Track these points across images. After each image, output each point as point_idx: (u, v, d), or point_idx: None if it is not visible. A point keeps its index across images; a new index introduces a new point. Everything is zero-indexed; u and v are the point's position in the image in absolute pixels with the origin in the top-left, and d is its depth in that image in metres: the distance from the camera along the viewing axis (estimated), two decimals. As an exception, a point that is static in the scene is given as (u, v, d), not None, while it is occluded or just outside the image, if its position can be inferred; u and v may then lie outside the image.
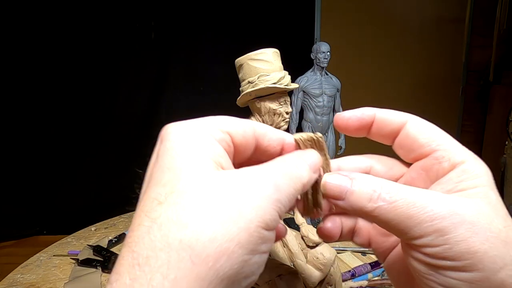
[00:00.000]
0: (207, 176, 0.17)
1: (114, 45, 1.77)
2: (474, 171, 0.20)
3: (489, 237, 0.18)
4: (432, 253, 0.18)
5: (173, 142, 0.18)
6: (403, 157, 0.24)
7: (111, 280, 0.16)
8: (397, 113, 0.24)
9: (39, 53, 1.74)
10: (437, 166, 0.21)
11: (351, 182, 0.21)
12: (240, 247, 0.16)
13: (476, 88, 1.97)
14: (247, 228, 0.16)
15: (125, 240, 0.17)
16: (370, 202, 0.20)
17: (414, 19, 1.94)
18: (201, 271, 0.15)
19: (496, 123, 1.79)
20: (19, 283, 0.67)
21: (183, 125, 0.19)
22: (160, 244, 0.15)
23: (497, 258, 0.18)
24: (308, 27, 1.90)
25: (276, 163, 0.20)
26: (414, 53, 1.96)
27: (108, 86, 1.81)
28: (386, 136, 0.24)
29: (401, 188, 0.20)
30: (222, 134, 0.19)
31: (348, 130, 0.24)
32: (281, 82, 0.41)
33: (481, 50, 1.92)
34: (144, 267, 0.15)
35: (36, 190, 1.85)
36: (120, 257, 0.16)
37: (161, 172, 0.18)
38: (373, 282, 0.65)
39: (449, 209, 0.18)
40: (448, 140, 0.22)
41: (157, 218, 0.16)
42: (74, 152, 1.84)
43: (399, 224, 0.19)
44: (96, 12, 1.74)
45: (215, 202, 0.16)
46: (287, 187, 0.18)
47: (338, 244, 0.80)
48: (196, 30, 1.80)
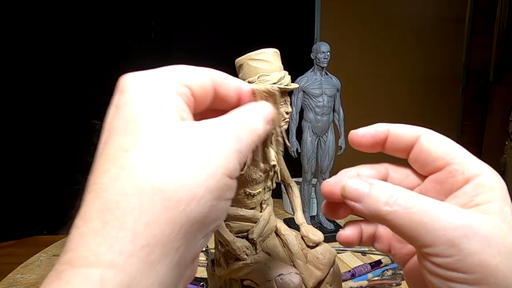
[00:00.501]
0: (173, 126, 0.18)
1: (114, 45, 1.77)
2: (489, 184, 0.20)
3: (501, 252, 0.18)
4: (443, 263, 0.18)
5: (134, 93, 0.18)
6: (418, 170, 0.24)
7: (77, 224, 0.16)
8: (410, 128, 0.24)
9: (39, 54, 1.74)
10: (451, 180, 0.22)
11: (370, 187, 0.21)
12: (209, 193, 0.17)
13: (476, 88, 1.97)
14: (214, 175, 0.17)
15: (89, 188, 0.17)
16: (386, 206, 0.20)
17: (414, 19, 1.94)
18: (173, 215, 0.16)
19: (496, 123, 1.79)
20: (19, 283, 0.67)
21: (142, 76, 0.19)
22: (131, 189, 0.16)
23: (508, 273, 0.18)
24: (308, 27, 1.90)
25: (236, 115, 0.20)
26: (414, 53, 1.96)
27: (108, 86, 1.80)
28: (400, 150, 0.24)
29: (418, 196, 0.20)
30: (182, 87, 0.20)
31: (363, 146, 0.25)
32: (281, 82, 0.41)
33: (481, 50, 1.92)
34: (115, 211, 0.15)
35: (36, 190, 1.85)
36: (85, 204, 0.16)
37: (124, 121, 0.18)
38: (373, 282, 0.65)
39: (463, 221, 0.18)
40: (462, 153, 0.22)
41: (126, 165, 0.16)
42: (74, 152, 1.84)
43: (412, 230, 0.19)
44: (96, 12, 1.74)
45: (183, 149, 0.17)
46: (246, 138, 0.19)
47: (338, 244, 0.80)
48: (196, 30, 1.80)
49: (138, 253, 0.15)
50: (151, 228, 0.15)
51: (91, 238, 0.15)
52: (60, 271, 0.15)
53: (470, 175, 0.21)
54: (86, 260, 0.15)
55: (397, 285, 0.64)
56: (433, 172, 0.23)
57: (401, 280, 0.64)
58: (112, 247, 0.15)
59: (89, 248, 0.15)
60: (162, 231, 0.16)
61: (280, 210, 1.04)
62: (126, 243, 0.15)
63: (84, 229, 0.16)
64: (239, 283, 0.44)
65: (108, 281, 0.15)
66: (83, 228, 0.16)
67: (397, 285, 0.64)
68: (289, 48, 0.87)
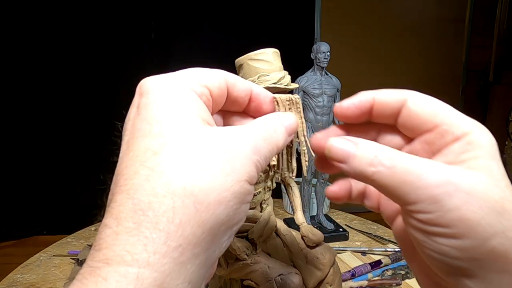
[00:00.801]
0: (197, 130, 0.18)
1: (114, 45, 1.77)
2: (478, 142, 0.20)
3: (482, 206, 0.18)
4: (425, 219, 0.19)
5: (156, 96, 0.19)
6: (408, 134, 0.24)
7: (110, 224, 0.16)
8: (395, 92, 0.23)
9: (39, 54, 1.74)
10: (441, 141, 0.22)
11: (355, 147, 0.21)
12: (234, 197, 0.18)
13: (476, 88, 1.97)
14: (239, 181, 0.18)
15: (118, 188, 0.17)
16: (370, 167, 0.20)
17: (414, 19, 1.94)
18: (204, 217, 0.17)
19: (496, 123, 1.79)
20: (19, 283, 0.67)
21: (163, 79, 0.20)
22: (163, 191, 0.16)
23: (488, 227, 0.18)
24: (308, 27, 1.90)
25: (258, 126, 0.21)
26: (414, 53, 1.96)
27: (108, 86, 1.81)
28: (388, 117, 0.24)
29: (401, 155, 0.20)
30: (202, 88, 0.20)
31: (350, 118, 0.24)
32: (281, 82, 0.41)
33: (481, 50, 1.92)
34: (147, 212, 0.16)
35: (36, 190, 1.85)
36: (115, 204, 0.17)
37: (148, 124, 0.18)
38: (373, 282, 0.65)
39: (445, 178, 0.19)
40: (451, 113, 0.22)
41: (156, 167, 0.17)
42: (74, 152, 1.84)
43: (396, 189, 0.20)
44: (96, 12, 1.74)
45: (210, 155, 0.18)
46: (264, 150, 0.20)
47: (338, 244, 0.80)
48: (196, 30, 1.81)
49: (171, 254, 0.16)
50: (183, 229, 0.16)
51: (126, 237, 0.16)
52: (94, 268, 0.16)
53: (460, 134, 0.21)
54: (122, 258, 0.15)
55: (397, 285, 0.64)
56: (423, 134, 0.23)
57: (401, 280, 0.64)
58: (146, 247, 0.16)
59: (125, 248, 0.16)
60: (193, 233, 0.16)
61: (280, 210, 1.04)
62: (160, 244, 0.16)
63: (117, 229, 0.16)
64: (239, 283, 0.44)
65: (143, 279, 0.15)
66: (116, 228, 0.16)
67: (397, 285, 0.64)
68: (289, 48, 0.87)
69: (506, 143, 1.43)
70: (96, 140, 1.85)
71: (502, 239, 0.18)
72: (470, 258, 0.18)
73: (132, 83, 0.78)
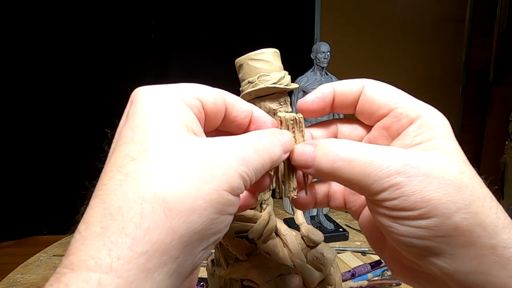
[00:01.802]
0: (180, 138, 0.18)
1: (114, 45, 1.77)
2: (431, 123, 0.21)
3: (442, 185, 0.19)
4: (391, 206, 0.20)
5: (144, 103, 0.19)
6: (366, 121, 0.25)
7: (80, 229, 0.16)
8: (353, 81, 0.24)
9: (39, 54, 1.74)
10: (397, 124, 0.22)
11: (314, 149, 0.22)
12: (211, 206, 0.17)
13: (476, 88, 1.97)
14: (217, 190, 0.17)
15: (94, 193, 0.17)
16: (331, 164, 0.21)
17: (414, 19, 1.94)
18: (174, 224, 0.16)
19: (496, 123, 1.79)
20: (19, 283, 0.67)
21: (154, 88, 0.20)
22: (133, 196, 0.16)
23: (450, 204, 0.19)
24: (308, 27, 1.90)
25: (250, 137, 0.21)
26: (414, 53, 1.96)
27: (108, 86, 1.80)
28: (348, 106, 0.25)
29: (359, 147, 0.21)
30: (193, 100, 0.20)
31: (315, 113, 0.25)
32: (281, 82, 0.41)
33: (481, 50, 1.92)
34: (116, 216, 0.16)
35: (36, 190, 1.84)
36: (88, 208, 0.17)
37: (132, 131, 0.18)
38: (373, 282, 0.65)
39: (403, 163, 0.19)
40: (405, 98, 0.23)
41: (130, 172, 0.17)
42: (74, 152, 1.84)
43: (359, 182, 0.20)
44: (96, 12, 1.74)
45: (189, 162, 0.17)
46: (254, 162, 0.20)
47: (338, 244, 0.80)
48: (196, 30, 1.80)
49: (136, 260, 0.15)
50: (151, 235, 0.16)
51: (91, 242, 0.15)
52: (60, 275, 0.15)
53: (414, 116, 0.22)
54: (85, 264, 0.15)
55: (397, 285, 0.64)
56: (379, 121, 0.24)
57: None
58: (111, 252, 0.15)
59: (89, 252, 0.15)
60: (161, 239, 0.16)
61: (280, 210, 1.04)
62: (125, 249, 0.15)
63: (85, 234, 0.16)
64: (239, 283, 0.44)
65: (105, 285, 0.15)
66: (84, 232, 0.16)
67: (397, 285, 0.64)
68: (289, 48, 0.87)
69: (506, 143, 1.43)
70: (96, 140, 1.84)
71: (465, 214, 0.19)
72: (437, 236, 0.19)
73: (132, 83, 0.79)
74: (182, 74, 1.82)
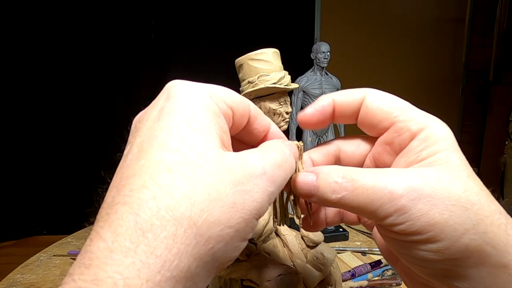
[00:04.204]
0: (217, 155, 0.17)
1: (114, 45, 1.77)
2: (434, 136, 0.20)
3: (448, 206, 0.18)
4: (398, 230, 0.19)
5: (182, 105, 0.18)
6: (368, 132, 0.24)
7: (105, 236, 0.15)
8: (354, 92, 0.24)
9: (39, 54, 1.74)
10: (399, 139, 0.22)
11: (316, 178, 0.21)
12: (237, 235, 0.17)
13: (476, 88, 1.97)
14: (246, 219, 0.17)
15: (121, 197, 0.16)
16: (334, 194, 0.20)
17: (414, 19, 1.94)
18: (202, 251, 0.16)
19: (496, 123, 1.79)
20: (19, 283, 0.67)
21: (193, 87, 0.19)
22: (167, 215, 0.15)
23: (457, 226, 0.18)
24: (308, 27, 1.90)
25: (274, 151, 0.20)
26: (414, 53, 1.96)
27: (108, 86, 1.80)
28: (349, 117, 0.24)
29: (361, 174, 0.20)
30: (226, 108, 0.19)
31: (316, 125, 0.24)
32: (281, 82, 0.41)
33: (481, 50, 1.92)
34: (147, 233, 0.15)
35: (36, 190, 1.85)
36: (115, 215, 0.16)
37: (167, 134, 0.17)
38: (373, 282, 0.65)
39: (406, 186, 0.19)
40: (406, 110, 0.22)
41: (165, 186, 0.16)
42: (75, 152, 1.84)
43: (364, 209, 0.20)
44: (96, 12, 1.74)
45: (224, 185, 0.17)
46: (280, 179, 0.19)
47: (338, 244, 0.80)
48: (196, 30, 1.80)
49: (164, 284, 0.15)
50: (180, 260, 0.15)
51: (120, 257, 0.15)
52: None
53: (415, 130, 0.21)
54: (112, 281, 0.14)
55: (397, 285, 0.64)
56: (381, 133, 0.23)
57: (401, 280, 0.64)
58: (140, 273, 0.15)
59: (117, 269, 0.15)
60: (189, 265, 0.16)
61: (280, 210, 1.04)
62: (155, 272, 0.15)
63: (112, 246, 0.15)
64: (239, 283, 0.44)
65: None
66: (111, 244, 0.15)
67: (397, 285, 0.64)
68: (289, 48, 0.87)
69: (506, 143, 1.43)
70: (96, 140, 1.85)
71: (473, 234, 0.18)
72: (447, 259, 0.19)
73: (132, 83, 0.79)
74: (182, 74, 1.81)
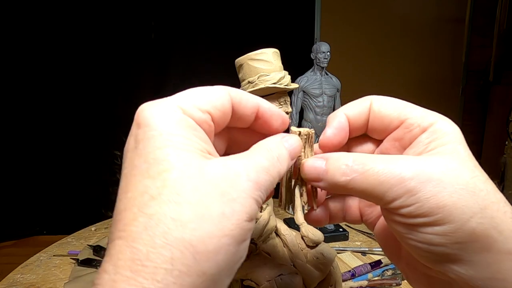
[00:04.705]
0: (197, 169, 0.17)
1: (114, 45, 1.77)
2: (443, 130, 0.21)
3: (456, 190, 0.19)
4: (405, 213, 0.19)
5: (154, 130, 0.18)
6: (378, 137, 0.25)
7: (108, 269, 0.16)
8: (360, 101, 0.24)
9: (39, 54, 1.74)
10: (409, 134, 0.22)
11: (325, 162, 0.22)
12: (234, 240, 0.17)
13: (476, 88, 1.97)
14: (238, 224, 0.17)
15: (117, 233, 0.17)
16: (344, 176, 0.21)
17: (414, 19, 1.94)
18: (203, 266, 0.16)
19: (496, 123, 1.79)
20: (19, 283, 0.67)
21: (161, 107, 0.19)
22: (161, 241, 0.16)
23: (465, 209, 0.18)
24: (308, 27, 1.90)
25: (260, 155, 0.20)
26: (414, 53, 1.96)
27: (108, 86, 1.80)
28: (362, 127, 0.25)
29: (371, 157, 0.21)
30: (202, 114, 0.19)
31: (339, 145, 0.25)
32: (281, 82, 0.41)
33: (481, 50, 1.92)
34: (145, 262, 0.16)
35: (36, 190, 1.85)
36: (114, 250, 0.16)
37: (145, 162, 0.18)
38: (373, 282, 0.65)
39: (416, 169, 0.19)
40: (414, 109, 0.23)
41: (154, 215, 0.16)
42: (74, 152, 1.84)
43: (373, 191, 0.20)
44: (96, 12, 1.74)
45: (209, 198, 0.17)
46: (266, 183, 0.19)
47: (338, 244, 0.80)
48: (196, 30, 1.80)
49: None
50: (182, 280, 0.16)
51: (124, 285, 0.15)
52: None
53: (426, 125, 0.22)
54: None
55: (397, 285, 0.64)
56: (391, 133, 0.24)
57: (401, 280, 0.64)
58: None
59: None
60: (192, 282, 0.16)
61: (280, 210, 1.04)
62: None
63: (115, 277, 0.16)
64: (239, 283, 0.44)
65: None
66: (114, 275, 0.16)
67: (397, 285, 0.64)
68: (289, 48, 0.87)
69: (506, 143, 1.43)
70: (96, 140, 1.85)
71: (481, 218, 0.18)
72: (453, 242, 0.19)
73: (132, 83, 0.79)
74: (182, 74, 1.82)
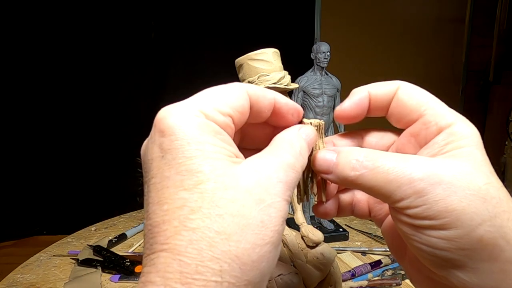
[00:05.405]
0: (230, 178, 0.18)
1: (114, 45, 1.77)
2: (461, 133, 0.21)
3: (467, 195, 0.18)
4: (413, 214, 0.19)
5: (181, 139, 0.18)
6: (395, 124, 0.24)
7: (156, 281, 0.16)
8: (388, 83, 0.24)
9: (39, 54, 1.74)
10: (425, 132, 0.22)
11: (336, 156, 0.22)
12: (274, 247, 0.18)
13: (476, 88, 1.97)
14: (276, 230, 0.18)
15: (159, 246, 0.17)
16: (353, 171, 0.21)
17: (414, 19, 1.94)
18: (249, 275, 0.17)
19: (496, 123, 1.79)
20: (19, 283, 0.67)
21: (183, 114, 0.18)
22: (208, 255, 0.16)
23: (474, 215, 0.18)
24: (308, 27, 1.90)
25: (285, 152, 0.20)
26: (414, 53, 1.96)
27: (108, 86, 1.80)
28: (383, 109, 0.24)
29: (382, 155, 0.20)
30: (224, 118, 0.19)
31: (354, 119, 0.24)
32: (281, 82, 0.41)
33: (481, 50, 1.92)
34: (195, 275, 0.16)
35: (36, 190, 1.85)
36: (158, 260, 0.16)
37: (178, 174, 0.17)
38: (373, 282, 0.65)
39: (427, 171, 0.19)
40: (436, 105, 0.22)
41: (197, 229, 0.16)
42: (74, 152, 1.84)
43: (381, 189, 0.20)
44: (96, 12, 1.74)
45: (246, 208, 0.17)
46: (293, 181, 0.19)
47: (338, 244, 0.79)
48: (196, 30, 1.80)
49: None
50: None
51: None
52: None
53: (443, 125, 0.21)
54: None
55: (397, 285, 0.64)
56: (408, 125, 0.23)
57: (401, 280, 0.64)
58: None
59: None
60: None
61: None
62: None
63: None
64: (239, 283, 0.44)
65: None
66: (163, 286, 0.16)
67: (397, 285, 0.64)
68: (289, 48, 0.87)
69: (506, 143, 1.43)
70: (96, 141, 1.85)
71: (489, 227, 0.18)
72: (459, 248, 0.18)
73: (132, 83, 0.79)
74: (182, 74, 1.82)
